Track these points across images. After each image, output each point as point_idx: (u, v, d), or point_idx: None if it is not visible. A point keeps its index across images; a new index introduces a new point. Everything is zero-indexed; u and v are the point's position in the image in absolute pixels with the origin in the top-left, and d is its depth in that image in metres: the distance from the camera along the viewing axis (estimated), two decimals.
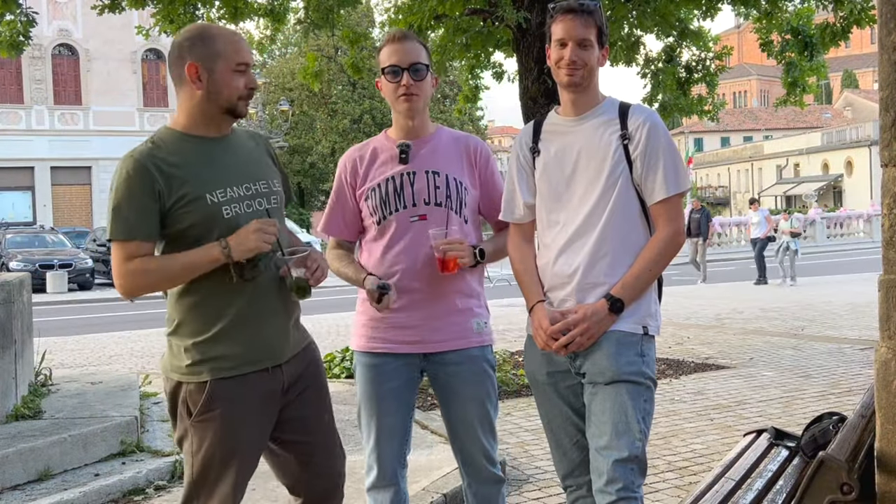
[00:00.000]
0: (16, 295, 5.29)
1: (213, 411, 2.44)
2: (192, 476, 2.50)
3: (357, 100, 44.27)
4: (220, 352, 2.45)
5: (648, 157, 2.59)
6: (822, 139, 55.75)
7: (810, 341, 9.36)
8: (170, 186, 2.38)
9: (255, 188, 2.52)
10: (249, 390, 2.48)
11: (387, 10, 10.77)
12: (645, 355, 2.59)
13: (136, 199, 2.36)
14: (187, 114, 2.49)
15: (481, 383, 2.89)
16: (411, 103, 2.82)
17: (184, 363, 2.47)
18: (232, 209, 2.45)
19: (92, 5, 9.05)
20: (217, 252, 2.38)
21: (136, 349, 10.92)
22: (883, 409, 2.45)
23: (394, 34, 2.87)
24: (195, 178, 2.42)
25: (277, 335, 2.54)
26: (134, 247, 2.39)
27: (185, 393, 2.47)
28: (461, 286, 2.87)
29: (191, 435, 2.47)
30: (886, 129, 2.46)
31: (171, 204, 2.39)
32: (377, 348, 2.87)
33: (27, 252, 24.16)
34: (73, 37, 35.67)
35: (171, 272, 2.42)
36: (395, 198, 2.84)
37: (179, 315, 2.49)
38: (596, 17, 2.59)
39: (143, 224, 2.38)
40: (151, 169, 2.37)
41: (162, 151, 2.43)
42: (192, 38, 2.45)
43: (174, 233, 2.42)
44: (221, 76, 2.43)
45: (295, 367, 2.59)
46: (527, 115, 7.84)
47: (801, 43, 9.65)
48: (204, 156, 2.47)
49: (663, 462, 4.93)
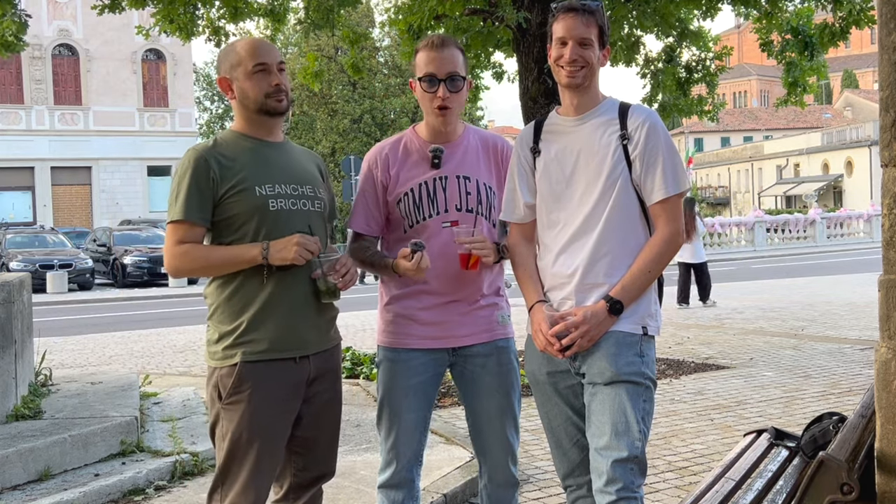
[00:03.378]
0: (16, 295, 5.29)
1: (241, 393, 2.58)
2: (221, 461, 2.62)
3: (357, 100, 44.26)
4: (251, 337, 2.60)
5: (647, 157, 2.59)
6: (822, 139, 55.75)
7: (810, 341, 9.36)
8: (223, 176, 2.60)
9: (301, 190, 2.70)
10: (277, 376, 2.61)
11: (387, 10, 10.80)
12: (644, 355, 2.59)
13: (192, 186, 2.58)
14: (238, 119, 2.74)
15: (507, 374, 2.91)
16: (446, 116, 2.83)
17: (218, 349, 2.63)
18: (278, 203, 2.63)
19: (92, 5, 9.05)
20: (256, 253, 2.56)
21: (136, 349, 10.91)
22: (883, 409, 2.45)
23: (432, 40, 2.84)
24: (247, 171, 2.63)
25: (307, 327, 2.66)
26: (185, 229, 2.59)
27: (217, 377, 2.63)
28: (486, 285, 2.91)
29: (221, 419, 2.61)
30: (886, 129, 2.46)
31: (223, 192, 2.59)
32: (406, 344, 2.88)
33: (27, 252, 24.15)
34: (73, 37, 35.67)
35: (211, 262, 2.62)
36: (429, 204, 2.85)
37: (216, 301, 2.66)
38: (597, 16, 2.59)
39: (195, 209, 2.58)
40: (210, 160, 2.60)
41: (220, 148, 2.66)
42: (220, 57, 2.75)
43: (223, 220, 2.61)
44: (242, 82, 2.65)
45: (321, 362, 2.72)
46: (527, 115, 7.84)
47: (801, 43, 9.65)
48: (257, 154, 2.68)
49: (663, 462, 4.93)
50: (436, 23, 8.10)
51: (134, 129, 36.22)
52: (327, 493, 2.99)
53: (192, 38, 9.00)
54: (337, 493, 4.19)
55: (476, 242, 2.74)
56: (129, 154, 35.64)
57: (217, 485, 2.63)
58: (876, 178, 42.92)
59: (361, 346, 9.16)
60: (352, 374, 7.74)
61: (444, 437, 5.34)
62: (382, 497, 2.93)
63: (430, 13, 7.87)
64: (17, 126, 35.14)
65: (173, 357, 10.09)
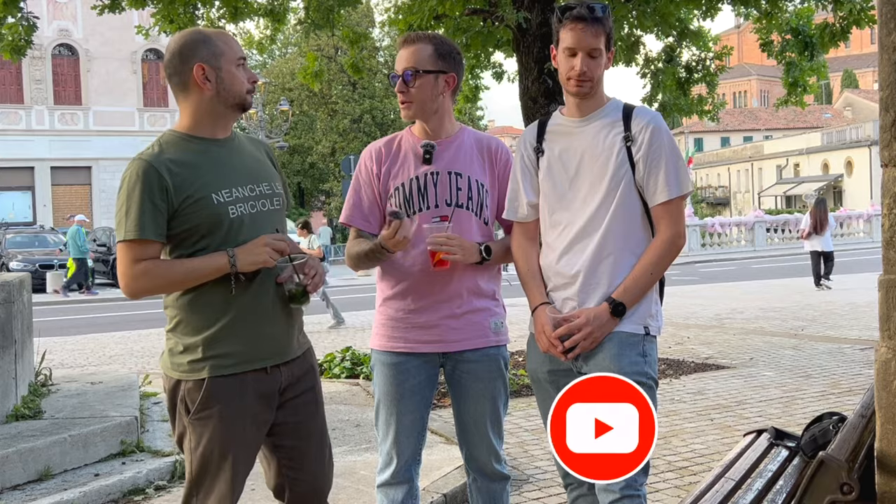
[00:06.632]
0: (16, 295, 5.29)
1: (210, 409, 2.45)
2: (191, 474, 2.51)
3: (357, 100, 44.28)
4: (219, 350, 2.47)
5: (651, 159, 2.59)
6: (822, 139, 55.73)
7: (810, 341, 9.36)
8: (177, 186, 2.41)
9: (259, 189, 2.57)
10: (247, 389, 2.49)
11: (387, 10, 10.76)
12: (647, 355, 2.60)
13: (144, 199, 2.39)
14: (193, 117, 2.53)
15: (493, 381, 2.91)
16: (406, 111, 2.86)
17: (183, 361, 2.49)
18: (237, 209, 2.49)
19: (92, 5, 9.05)
20: (224, 261, 2.42)
21: (136, 349, 10.92)
22: (883, 409, 2.45)
23: (403, 38, 2.88)
24: (201, 179, 2.46)
25: (277, 335, 2.55)
26: (141, 248, 2.41)
27: (183, 391, 2.49)
28: (478, 286, 2.89)
29: (189, 433, 2.49)
30: (886, 129, 2.46)
31: (178, 203, 2.41)
32: (398, 347, 2.88)
33: (27, 252, 24.15)
34: (73, 37, 35.64)
35: (176, 277, 2.45)
36: (419, 198, 2.85)
37: (179, 313, 2.51)
38: (605, 24, 2.58)
39: (151, 224, 2.39)
40: (160, 170, 2.41)
41: (168, 154, 2.46)
42: (191, 43, 2.49)
43: (181, 232, 2.45)
44: (228, 73, 2.49)
45: (294, 369, 2.61)
46: (527, 115, 7.84)
47: (801, 43, 9.65)
48: (209, 157, 2.51)
49: (663, 462, 4.93)
50: (436, 23, 8.10)
51: (134, 129, 36.15)
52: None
53: None
54: (337, 493, 4.18)
55: (440, 239, 2.73)
56: (129, 154, 34.96)
57: (191, 496, 2.52)
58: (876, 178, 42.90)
59: (361, 346, 9.15)
60: (352, 374, 7.74)
61: (444, 437, 5.33)
62: (382, 497, 2.94)
63: (430, 13, 7.86)
64: (17, 126, 35.11)
65: None
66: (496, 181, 2.93)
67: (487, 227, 2.91)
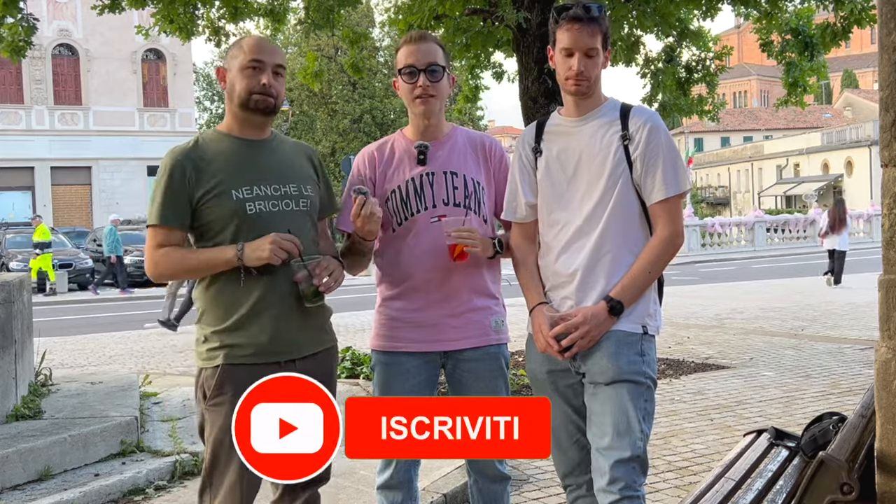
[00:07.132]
0: (16, 295, 5.29)
1: (223, 395, 2.56)
2: (207, 462, 2.61)
3: (357, 100, 44.25)
4: (235, 340, 2.59)
5: (648, 157, 2.59)
6: (822, 139, 55.72)
7: (810, 341, 9.36)
8: (199, 179, 2.58)
9: (284, 189, 2.66)
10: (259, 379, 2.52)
11: (387, 10, 10.77)
12: (645, 355, 2.59)
13: (167, 189, 2.58)
14: (226, 115, 2.74)
15: (495, 380, 2.91)
16: (427, 105, 2.85)
17: (203, 349, 2.63)
18: (256, 206, 2.60)
19: (92, 5, 9.04)
20: (231, 255, 2.55)
21: (136, 349, 10.91)
22: (883, 409, 2.45)
23: (411, 35, 2.89)
24: (223, 174, 2.60)
25: (292, 331, 2.63)
26: (164, 233, 2.60)
27: (202, 378, 2.63)
28: (478, 285, 2.90)
29: (206, 419, 2.61)
30: (886, 129, 2.46)
31: (199, 196, 2.58)
32: (398, 347, 2.89)
33: (27, 252, 24.12)
34: (73, 37, 35.64)
35: (190, 264, 2.63)
36: (416, 199, 2.86)
37: (203, 304, 2.67)
38: (602, 23, 2.58)
39: (173, 212, 2.58)
40: (186, 163, 2.59)
41: (200, 149, 2.65)
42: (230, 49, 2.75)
43: (203, 224, 2.60)
44: (234, 74, 2.64)
45: (309, 365, 2.64)
46: (527, 115, 7.84)
47: (801, 43, 9.64)
48: (237, 154, 2.65)
49: (663, 462, 4.93)
50: (436, 23, 8.10)
51: (134, 129, 36.17)
52: (327, 493, 2.99)
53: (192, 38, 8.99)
54: (337, 493, 4.19)
55: (464, 232, 2.74)
56: (128, 154, 35.58)
57: (205, 485, 2.62)
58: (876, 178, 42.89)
59: (361, 346, 9.14)
60: (352, 374, 7.74)
61: None
62: (382, 498, 2.94)
63: (430, 13, 7.87)
64: (17, 126, 35.11)
65: (173, 357, 10.09)
66: (492, 178, 2.94)
67: (487, 224, 2.92)
